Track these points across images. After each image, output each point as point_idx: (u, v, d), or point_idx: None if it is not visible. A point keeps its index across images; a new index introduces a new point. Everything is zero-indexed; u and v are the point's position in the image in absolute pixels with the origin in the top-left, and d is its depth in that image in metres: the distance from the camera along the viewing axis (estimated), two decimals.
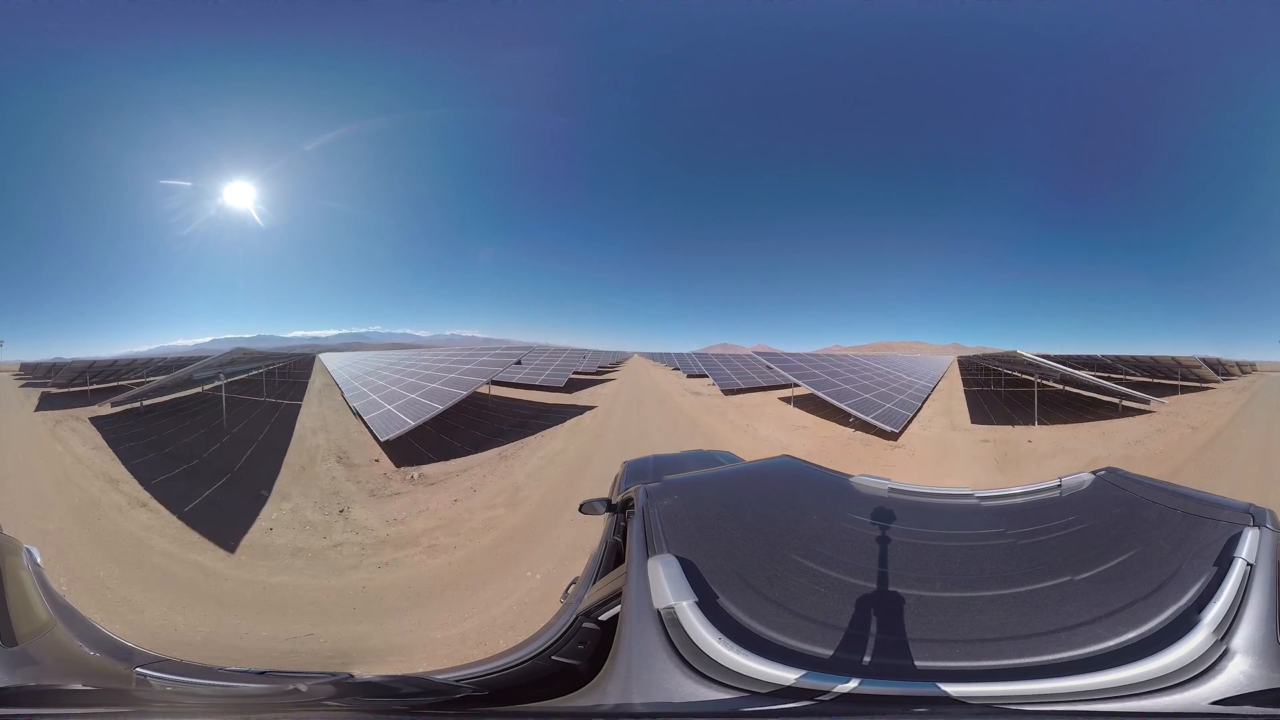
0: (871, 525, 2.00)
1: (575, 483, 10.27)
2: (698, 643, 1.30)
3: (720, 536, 1.85)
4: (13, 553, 2.10)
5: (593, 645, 1.80)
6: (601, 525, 2.76)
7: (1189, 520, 1.73)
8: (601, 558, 2.43)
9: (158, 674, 1.63)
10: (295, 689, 1.58)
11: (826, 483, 2.59)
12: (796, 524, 2.09)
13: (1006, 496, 2.30)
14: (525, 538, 7.84)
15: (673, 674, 1.27)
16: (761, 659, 1.26)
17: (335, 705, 1.53)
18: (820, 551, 1.79)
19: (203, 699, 1.65)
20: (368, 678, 1.77)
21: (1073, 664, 1.22)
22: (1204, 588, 1.36)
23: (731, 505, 2.30)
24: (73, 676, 1.62)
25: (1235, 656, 1.17)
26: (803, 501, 2.43)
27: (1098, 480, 2.28)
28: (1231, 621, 1.23)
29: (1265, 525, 1.58)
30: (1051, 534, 1.89)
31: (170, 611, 5.82)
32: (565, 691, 1.47)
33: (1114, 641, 1.26)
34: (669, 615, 1.37)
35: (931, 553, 1.83)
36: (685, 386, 29.21)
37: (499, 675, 1.80)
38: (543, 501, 9.37)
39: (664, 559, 1.57)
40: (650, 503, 2.04)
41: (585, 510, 2.60)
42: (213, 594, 6.31)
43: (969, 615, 1.46)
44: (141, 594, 6.14)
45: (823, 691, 1.21)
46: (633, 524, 1.95)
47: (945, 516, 2.17)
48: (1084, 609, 1.39)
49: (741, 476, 2.90)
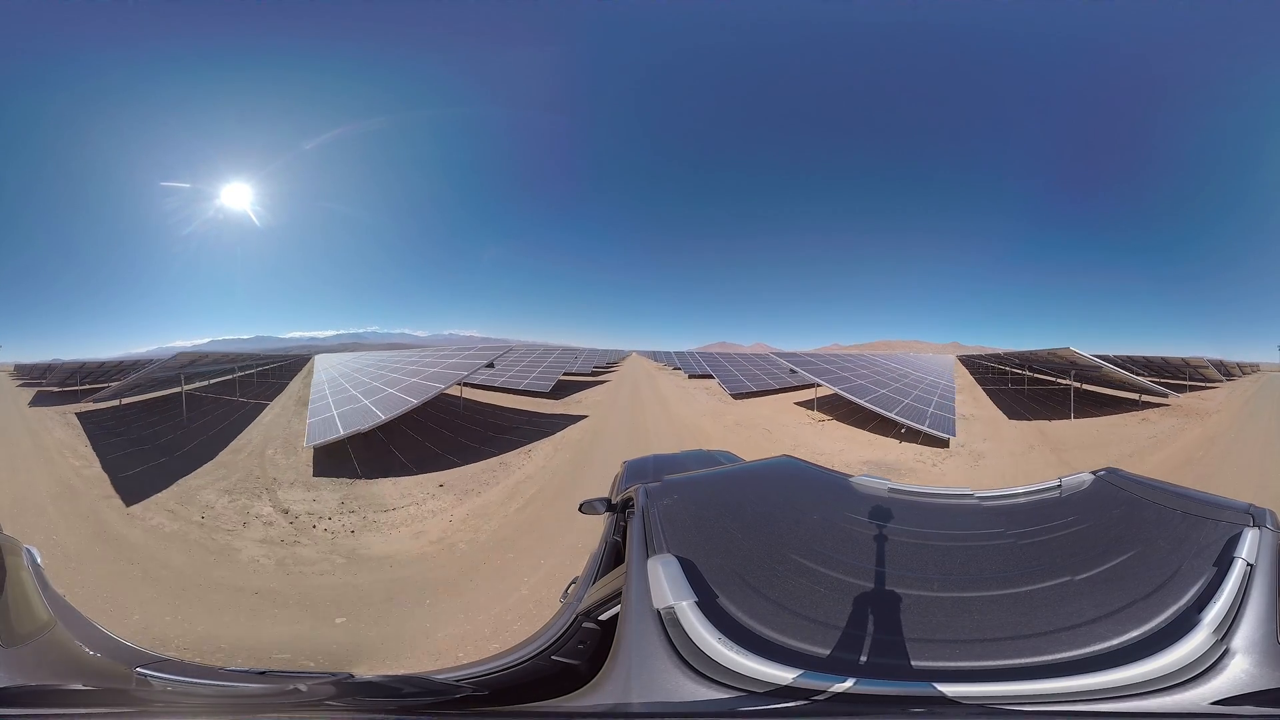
0: (871, 525, 2.00)
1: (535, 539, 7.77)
2: (697, 642, 1.30)
3: (720, 536, 1.85)
4: (13, 553, 2.10)
5: (592, 645, 1.80)
6: (601, 525, 2.76)
7: (1189, 520, 1.73)
8: (601, 557, 2.44)
9: (158, 674, 1.64)
10: (295, 689, 1.58)
11: (826, 483, 2.60)
12: (796, 524, 2.09)
13: (1006, 497, 2.30)
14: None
15: (672, 674, 1.27)
16: (760, 658, 1.26)
17: (335, 705, 1.53)
18: (820, 551, 1.79)
19: (203, 699, 1.65)
20: (368, 678, 1.78)
21: (1072, 664, 1.22)
22: (1204, 588, 1.36)
23: (731, 505, 2.30)
24: (73, 676, 1.62)
25: (1235, 656, 1.16)
26: (802, 501, 2.43)
27: (1097, 480, 2.28)
28: (1231, 622, 1.23)
29: (1265, 525, 1.58)
30: (1051, 534, 1.88)
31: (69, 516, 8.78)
32: (565, 691, 1.47)
33: (1113, 641, 1.26)
34: (669, 615, 1.37)
35: (931, 553, 1.83)
36: (688, 390, 27.52)
37: (499, 675, 1.81)
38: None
39: (664, 559, 1.57)
40: (650, 502, 2.04)
41: (585, 510, 2.61)
42: (97, 518, 8.78)
43: (968, 615, 1.46)
44: (55, 506, 9.31)
45: (819, 691, 1.21)
46: (632, 524, 1.95)
47: (945, 517, 2.17)
48: (1084, 609, 1.39)
49: (741, 476, 2.90)
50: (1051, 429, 16.52)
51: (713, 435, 15.55)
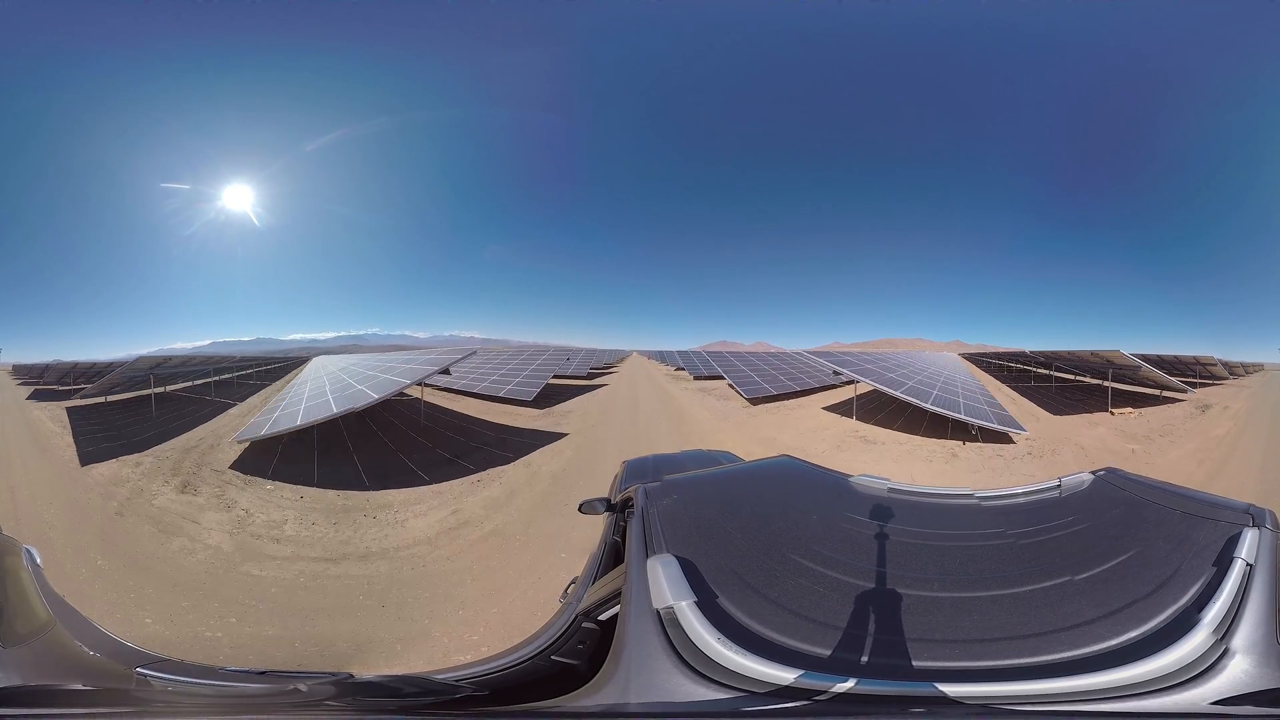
0: (871, 525, 1.99)
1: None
2: (697, 643, 1.30)
3: (720, 536, 1.85)
4: (12, 553, 2.11)
5: (592, 645, 1.80)
6: (601, 525, 2.76)
7: (1188, 520, 1.73)
8: (601, 557, 2.44)
9: (158, 674, 1.63)
10: (295, 689, 1.58)
11: (826, 483, 2.59)
12: (796, 524, 2.09)
13: (1006, 496, 2.30)
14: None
15: (672, 674, 1.27)
16: (759, 659, 1.26)
17: (335, 705, 1.53)
18: (819, 551, 1.79)
19: (203, 699, 1.65)
20: (368, 678, 1.77)
21: (1072, 664, 1.22)
22: (1203, 588, 1.36)
23: (731, 505, 2.30)
24: (73, 676, 1.62)
25: (1235, 656, 1.16)
26: (802, 501, 2.43)
27: (1097, 480, 2.28)
28: (1231, 621, 1.23)
29: (1265, 525, 1.58)
30: (1051, 534, 1.88)
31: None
32: (565, 691, 1.47)
33: (1113, 641, 1.26)
34: (668, 615, 1.37)
35: (931, 553, 1.83)
36: (693, 394, 23.89)
37: (499, 675, 1.81)
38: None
39: (663, 559, 1.57)
40: (650, 502, 2.04)
41: (585, 510, 2.60)
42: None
43: (968, 615, 1.46)
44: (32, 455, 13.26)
45: (820, 691, 1.21)
46: (632, 524, 1.95)
47: (945, 516, 2.17)
48: (1083, 609, 1.39)
49: (741, 476, 2.90)
50: (1108, 421, 17.18)
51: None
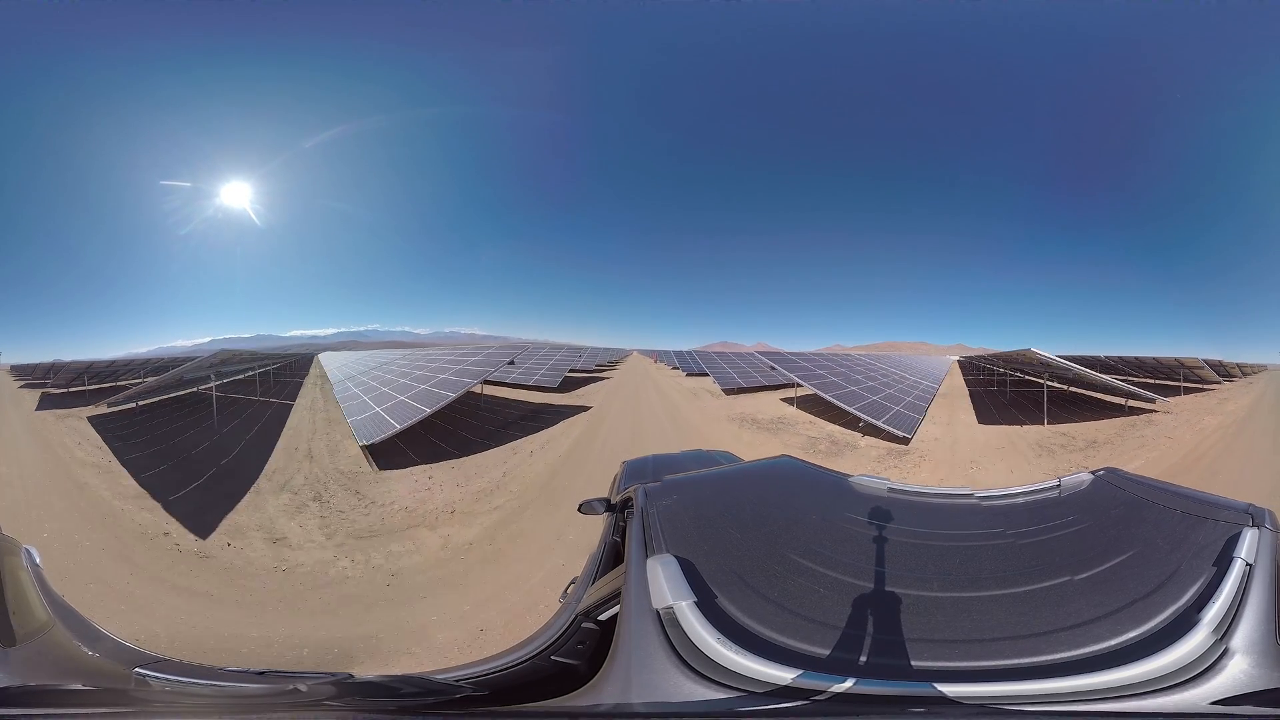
0: (870, 525, 1.99)
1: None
2: (696, 643, 1.30)
3: (719, 536, 1.85)
4: (12, 553, 2.10)
5: (592, 645, 1.80)
6: (600, 525, 2.76)
7: (1188, 520, 1.73)
8: (601, 557, 2.43)
9: (157, 674, 1.63)
10: (295, 689, 1.58)
11: (825, 483, 2.59)
12: (795, 524, 2.09)
13: (1006, 497, 2.30)
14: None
15: (671, 674, 1.27)
16: (759, 658, 1.26)
17: (335, 705, 1.53)
18: (819, 551, 1.79)
19: (202, 699, 1.65)
20: (368, 678, 1.77)
21: (1071, 664, 1.22)
22: (1203, 588, 1.36)
23: (730, 505, 2.30)
24: (72, 676, 1.62)
25: (1235, 656, 1.16)
26: (802, 501, 2.43)
27: (1097, 480, 2.28)
28: (1231, 621, 1.23)
29: (1264, 525, 1.58)
30: (1051, 534, 1.88)
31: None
32: (565, 691, 1.47)
33: (1113, 641, 1.26)
34: (668, 615, 1.37)
35: (930, 553, 1.83)
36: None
37: (499, 675, 1.81)
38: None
39: (663, 559, 1.57)
40: (649, 503, 2.04)
41: (584, 510, 2.60)
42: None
43: (967, 615, 1.46)
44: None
45: (819, 691, 1.21)
46: (632, 524, 1.95)
47: (944, 516, 2.17)
48: (1083, 609, 1.39)
49: (740, 476, 2.90)
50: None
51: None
